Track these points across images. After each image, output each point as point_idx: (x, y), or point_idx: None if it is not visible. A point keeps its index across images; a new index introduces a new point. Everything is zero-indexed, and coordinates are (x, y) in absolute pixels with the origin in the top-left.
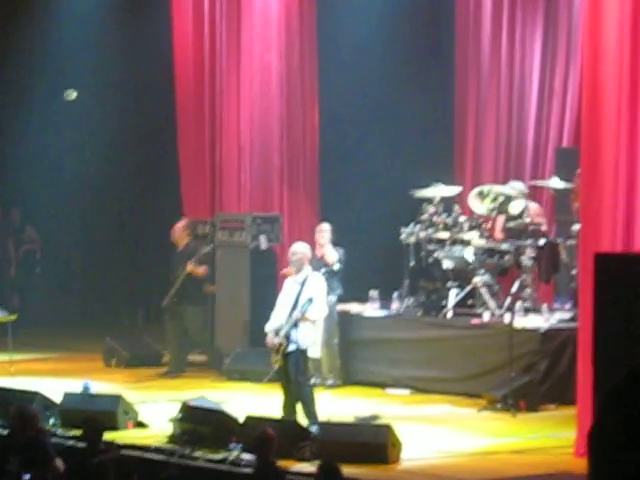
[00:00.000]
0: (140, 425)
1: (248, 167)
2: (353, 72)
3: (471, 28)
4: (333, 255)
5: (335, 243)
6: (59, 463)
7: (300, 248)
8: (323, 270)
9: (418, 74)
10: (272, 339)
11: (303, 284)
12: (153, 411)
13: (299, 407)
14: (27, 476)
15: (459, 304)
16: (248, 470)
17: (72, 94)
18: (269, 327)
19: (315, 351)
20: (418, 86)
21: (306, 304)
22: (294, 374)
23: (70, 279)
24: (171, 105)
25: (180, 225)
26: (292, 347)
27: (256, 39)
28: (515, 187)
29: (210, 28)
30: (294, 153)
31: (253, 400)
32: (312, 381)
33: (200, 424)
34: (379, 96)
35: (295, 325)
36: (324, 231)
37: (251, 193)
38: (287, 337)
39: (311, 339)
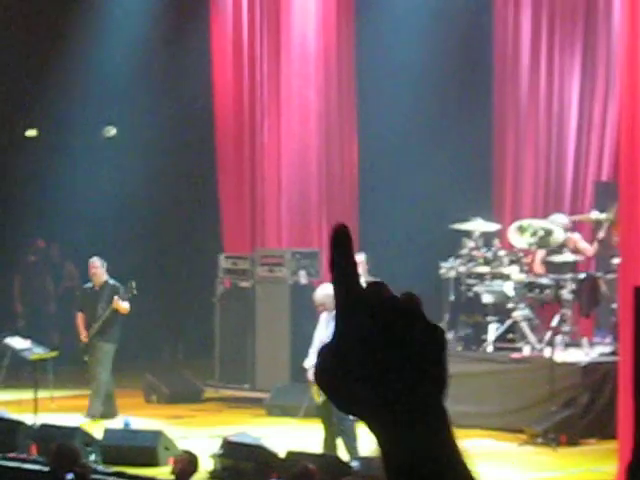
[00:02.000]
0: None
1: (287, 202)
2: (392, 106)
3: (509, 61)
4: None
5: (374, 275)
6: None
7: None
8: None
9: (456, 108)
10: (312, 375)
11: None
12: (194, 447)
13: (340, 442)
14: None
15: (499, 338)
16: None
17: (111, 131)
18: (309, 363)
19: None
20: (457, 120)
21: None
22: (337, 409)
23: None
24: (211, 141)
25: (98, 263)
26: None
27: (295, 74)
28: (556, 220)
29: (249, 63)
30: (333, 187)
31: (294, 435)
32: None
33: (241, 460)
34: (418, 130)
35: None
36: (359, 262)
37: (290, 228)
38: None
39: None
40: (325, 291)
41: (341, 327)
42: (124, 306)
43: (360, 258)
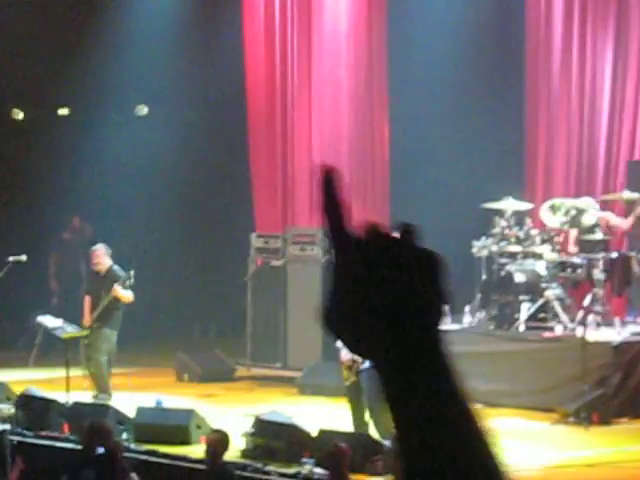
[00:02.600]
0: None
1: (318, 181)
2: (423, 85)
3: (541, 42)
4: None
5: None
6: (134, 477)
7: None
8: None
9: (489, 88)
10: (346, 355)
11: None
12: (226, 426)
13: (370, 422)
14: None
15: (531, 317)
16: None
17: (143, 109)
18: (340, 343)
19: None
20: (489, 100)
21: None
22: (368, 390)
23: (142, 294)
24: (243, 120)
25: (101, 250)
26: (367, 364)
27: (326, 53)
28: (585, 201)
29: (281, 43)
30: (364, 167)
31: (326, 414)
32: None
33: (273, 438)
34: (449, 110)
35: None
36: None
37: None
38: None
39: None
40: None
41: (337, 269)
42: (123, 294)
43: None
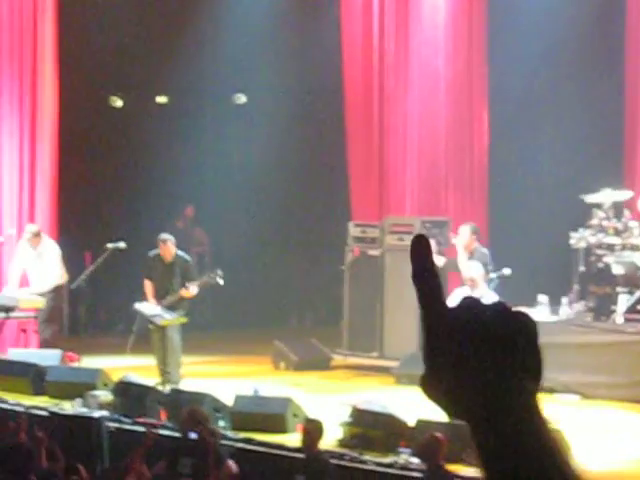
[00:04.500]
0: None
1: (416, 171)
2: (522, 75)
3: None
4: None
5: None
6: (232, 465)
7: (471, 269)
8: None
9: (588, 78)
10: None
11: None
12: (322, 414)
13: None
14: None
15: (629, 309)
16: (418, 474)
17: (241, 98)
18: None
19: None
20: (588, 90)
21: None
22: None
23: (239, 282)
24: (340, 110)
25: (171, 242)
26: None
27: (424, 43)
28: None
29: (379, 32)
30: (462, 157)
31: (422, 404)
32: None
33: (370, 427)
34: (549, 99)
35: None
36: (462, 234)
37: (418, 197)
38: None
39: None
40: (477, 267)
41: (433, 338)
42: (192, 292)
43: (464, 230)
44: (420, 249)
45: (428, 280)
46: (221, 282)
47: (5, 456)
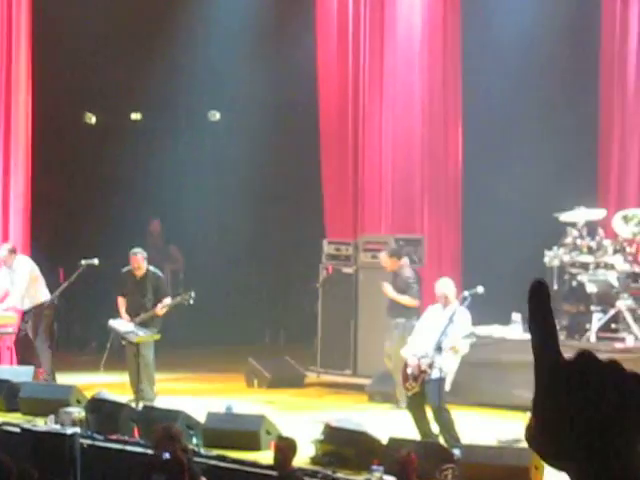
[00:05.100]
0: None
1: (390, 189)
2: (497, 93)
3: (617, 50)
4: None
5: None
6: None
7: (443, 286)
8: None
9: (562, 95)
10: (415, 364)
11: (451, 318)
12: (295, 432)
13: (434, 430)
14: None
15: (602, 328)
16: None
17: (215, 115)
18: (407, 352)
19: (448, 382)
20: (562, 108)
21: (466, 337)
22: (435, 400)
23: (212, 299)
24: (314, 126)
25: (142, 255)
26: (436, 374)
27: (399, 58)
28: None
29: (354, 49)
30: (436, 174)
31: (395, 421)
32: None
33: (343, 445)
34: (522, 117)
35: (439, 353)
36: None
37: (393, 215)
38: (430, 365)
39: (451, 368)
40: (449, 284)
41: (543, 389)
42: (162, 312)
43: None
44: (540, 295)
45: (546, 326)
46: (191, 302)
47: None
